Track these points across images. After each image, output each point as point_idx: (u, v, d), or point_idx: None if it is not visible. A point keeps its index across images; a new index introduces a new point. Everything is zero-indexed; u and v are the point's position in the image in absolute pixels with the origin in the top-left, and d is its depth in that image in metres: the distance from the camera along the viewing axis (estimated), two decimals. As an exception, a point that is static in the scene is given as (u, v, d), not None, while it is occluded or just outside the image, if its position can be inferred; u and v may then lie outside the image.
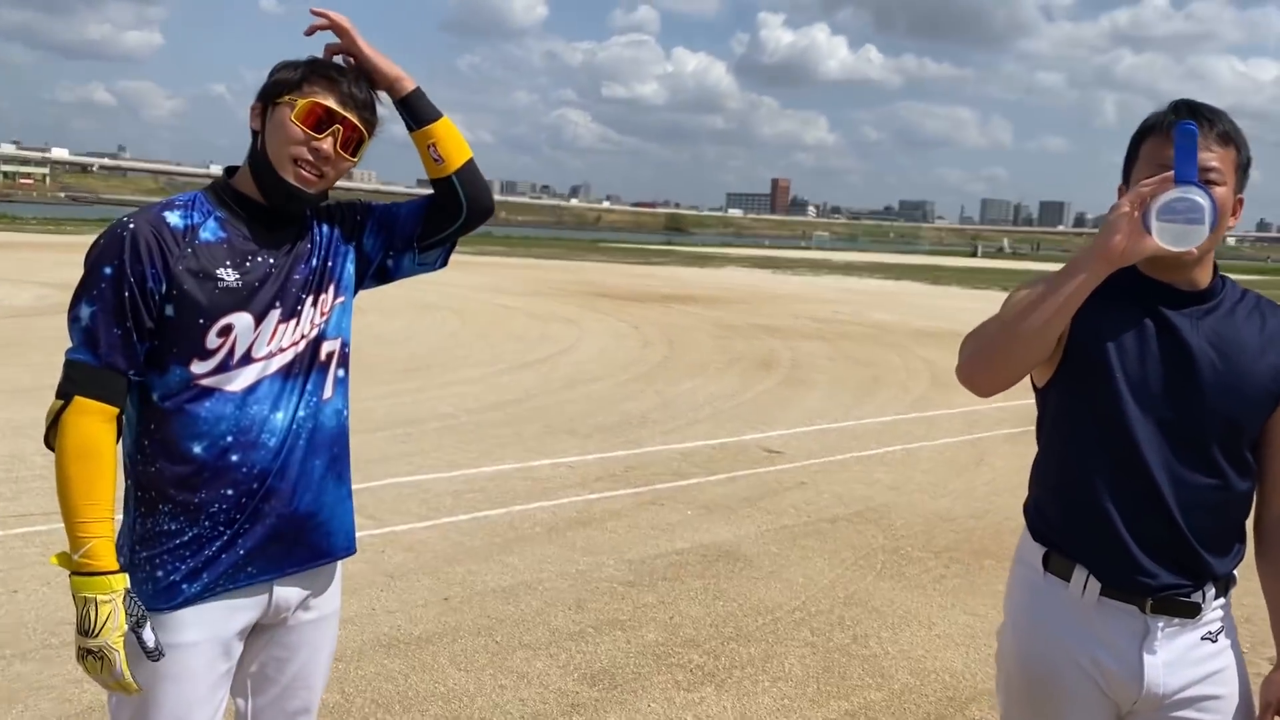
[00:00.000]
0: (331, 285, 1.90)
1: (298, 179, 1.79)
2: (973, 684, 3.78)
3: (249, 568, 1.81)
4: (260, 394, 1.79)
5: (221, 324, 1.76)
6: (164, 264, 1.73)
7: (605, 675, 3.69)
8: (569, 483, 6.32)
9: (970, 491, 6.58)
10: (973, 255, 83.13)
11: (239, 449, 1.78)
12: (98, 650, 1.66)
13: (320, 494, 1.88)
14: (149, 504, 1.78)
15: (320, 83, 1.79)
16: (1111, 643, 1.73)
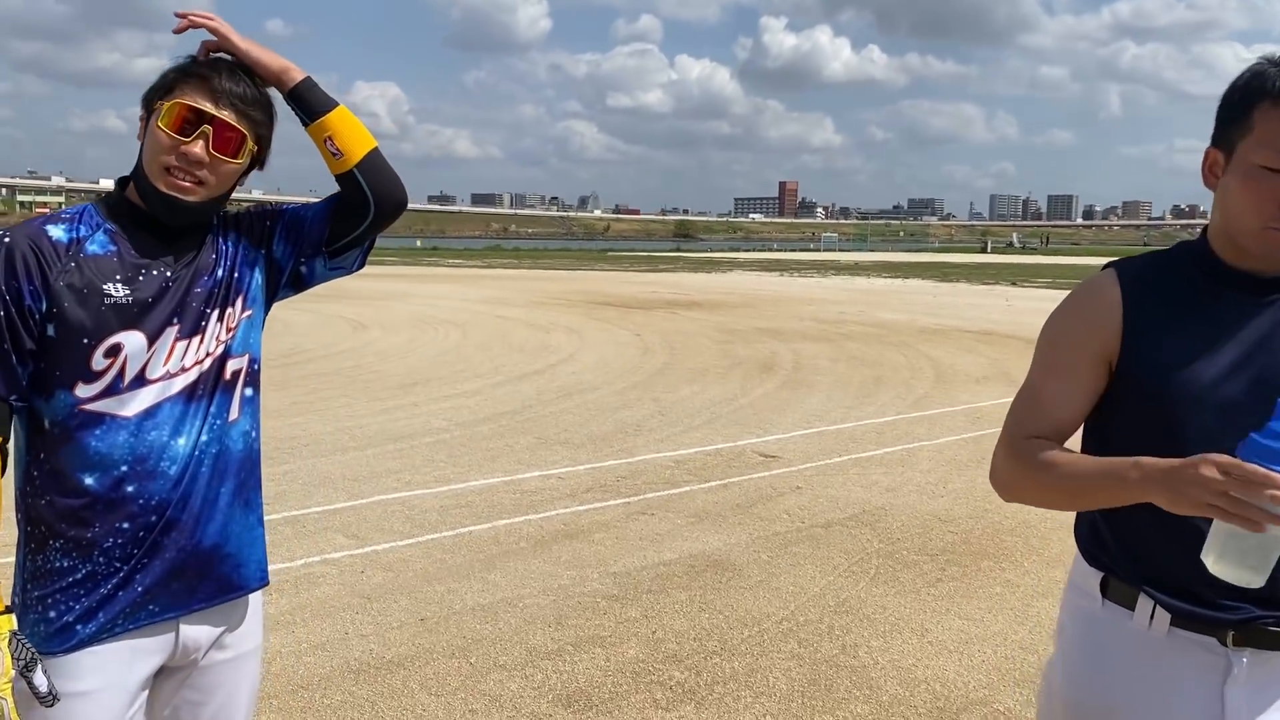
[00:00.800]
0: (239, 298, 1.77)
1: (172, 188, 1.65)
2: (964, 693, 3.62)
3: (150, 605, 1.68)
4: (159, 419, 1.66)
5: (109, 343, 1.63)
6: (43, 279, 1.60)
7: (581, 696, 3.55)
8: (558, 494, 6.19)
9: (970, 490, 6.42)
10: (982, 251, 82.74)
11: (134, 479, 1.65)
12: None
13: (227, 523, 1.75)
14: (39, 540, 1.65)
15: (190, 82, 1.66)
16: (1186, 683, 1.46)
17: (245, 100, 1.69)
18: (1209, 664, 1.46)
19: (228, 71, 1.70)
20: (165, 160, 1.64)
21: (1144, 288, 1.50)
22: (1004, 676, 3.77)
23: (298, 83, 1.78)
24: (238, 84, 1.70)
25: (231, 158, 1.68)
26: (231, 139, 1.67)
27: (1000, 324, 17.85)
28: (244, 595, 1.81)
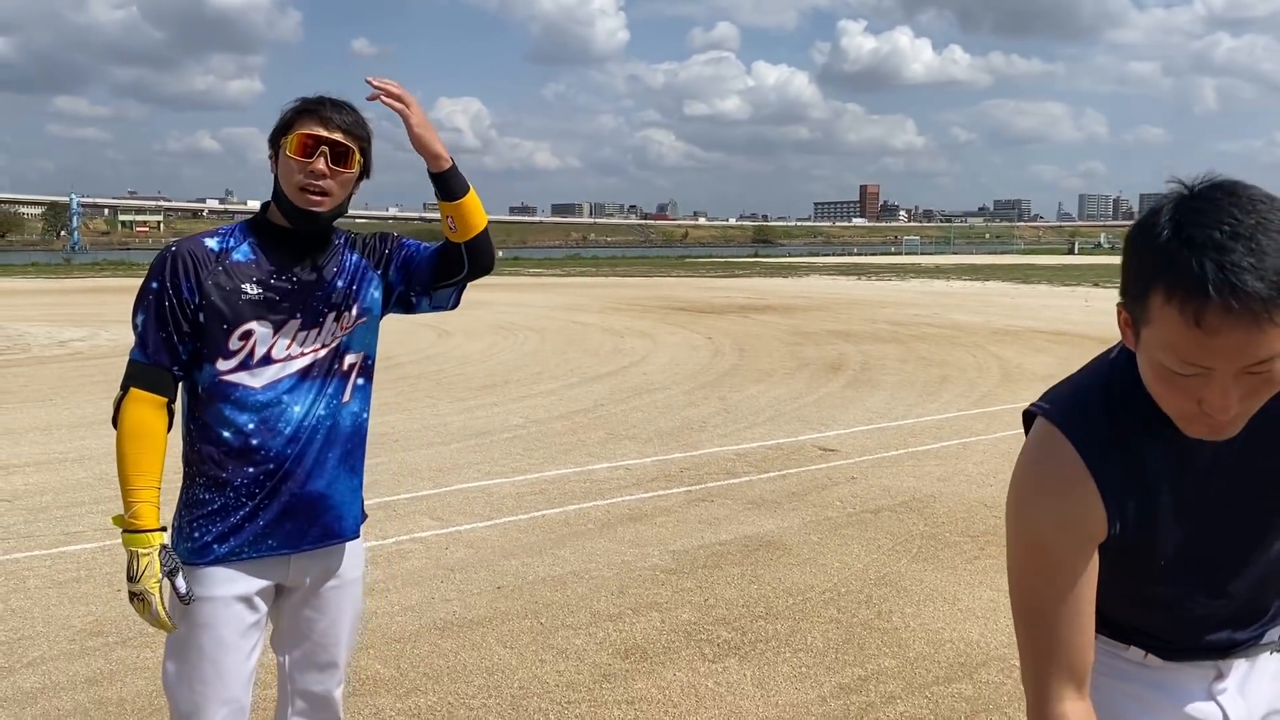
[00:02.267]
0: (355, 305, 2.21)
1: (307, 203, 2.10)
2: (986, 651, 3.98)
3: (269, 540, 2.14)
4: (280, 390, 2.12)
5: (242, 329, 2.09)
6: (197, 279, 2.08)
7: (637, 650, 4.00)
8: (625, 483, 6.66)
9: (1019, 480, 6.69)
10: (1069, 252, 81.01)
11: (259, 435, 2.11)
12: (139, 593, 2.03)
13: (333, 481, 2.19)
14: (191, 477, 2.15)
15: (304, 117, 2.10)
16: (1180, 688, 1.51)
17: (349, 124, 2.12)
18: (1201, 675, 1.51)
19: (332, 104, 2.13)
20: (298, 180, 2.08)
21: (1104, 452, 1.34)
22: (1026, 639, 4.10)
23: (444, 170, 2.17)
24: (341, 113, 2.12)
25: (346, 169, 2.11)
26: (344, 154, 2.10)
27: (1076, 324, 17.82)
28: (341, 543, 2.25)
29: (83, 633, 4.17)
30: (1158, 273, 1.13)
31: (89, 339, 16.02)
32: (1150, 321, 1.17)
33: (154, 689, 3.65)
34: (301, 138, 2.09)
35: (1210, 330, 1.10)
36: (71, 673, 3.79)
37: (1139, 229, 1.17)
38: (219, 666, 2.10)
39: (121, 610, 4.41)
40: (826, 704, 3.54)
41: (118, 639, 4.11)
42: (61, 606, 4.45)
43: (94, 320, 19.28)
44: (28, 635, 4.14)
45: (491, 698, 3.59)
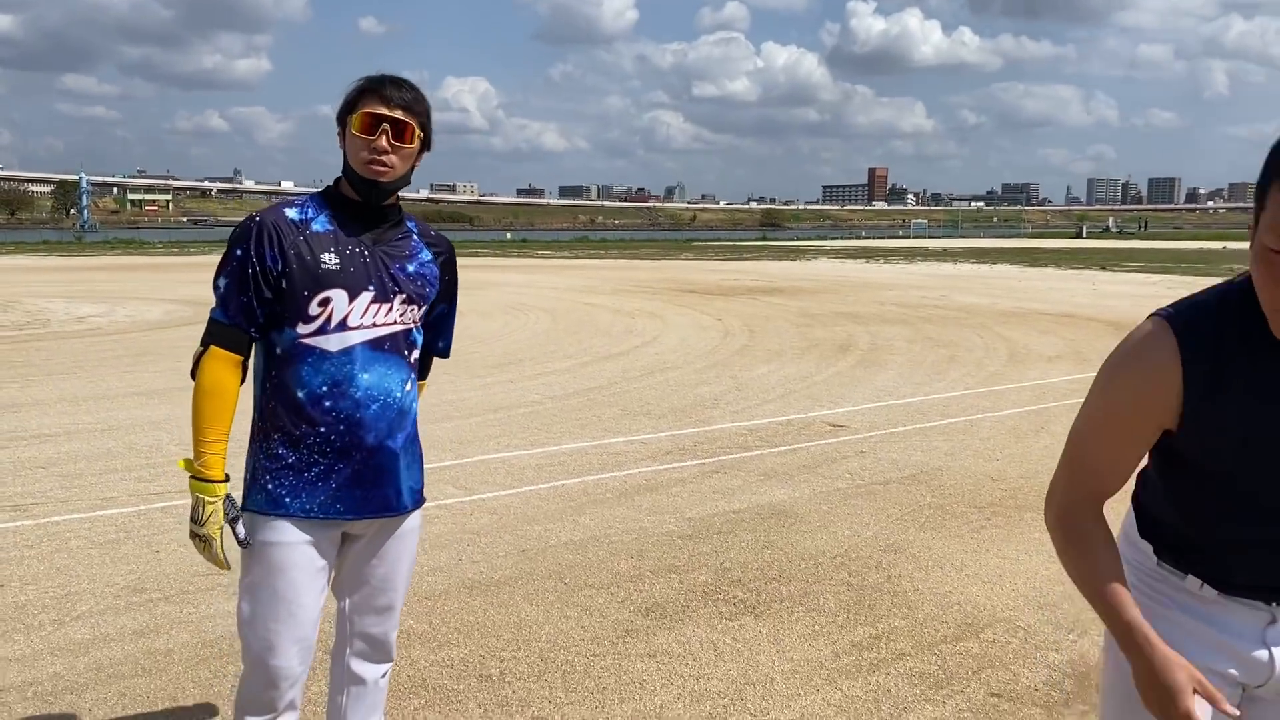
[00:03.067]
0: (424, 306, 2.39)
1: (372, 174, 2.24)
2: (991, 612, 4.16)
3: (338, 504, 2.28)
4: (353, 356, 2.25)
5: (322, 296, 2.23)
6: (280, 248, 2.23)
7: (657, 608, 4.19)
8: (640, 456, 6.84)
9: (1025, 455, 6.87)
10: (1077, 236, 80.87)
11: (331, 397, 2.24)
12: (202, 535, 2.21)
13: (398, 458, 2.33)
14: (266, 433, 2.29)
15: (367, 96, 2.25)
16: (1233, 629, 1.61)
17: (409, 101, 2.27)
18: (1255, 617, 1.60)
19: (392, 83, 2.27)
20: (363, 155, 2.23)
21: (1200, 347, 1.48)
22: (1029, 601, 4.28)
23: None
24: (402, 90, 2.26)
25: (407, 144, 2.26)
26: (405, 130, 2.25)
27: (1082, 307, 17.94)
28: (401, 515, 2.39)
29: (126, 590, 4.36)
30: (1272, 166, 1.36)
31: (107, 315, 16.24)
32: (1265, 208, 1.37)
33: (199, 640, 3.85)
34: (365, 116, 2.23)
35: None
36: (119, 626, 3.98)
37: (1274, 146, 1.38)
38: (292, 606, 2.27)
39: (161, 569, 4.61)
40: (840, 659, 3.72)
41: (160, 595, 4.30)
42: (104, 566, 4.65)
43: (110, 297, 19.51)
44: (75, 591, 4.33)
45: (521, 650, 3.78)
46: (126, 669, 3.60)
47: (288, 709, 2.35)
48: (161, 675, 3.55)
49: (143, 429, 7.60)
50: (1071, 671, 3.61)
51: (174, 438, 7.28)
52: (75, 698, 3.38)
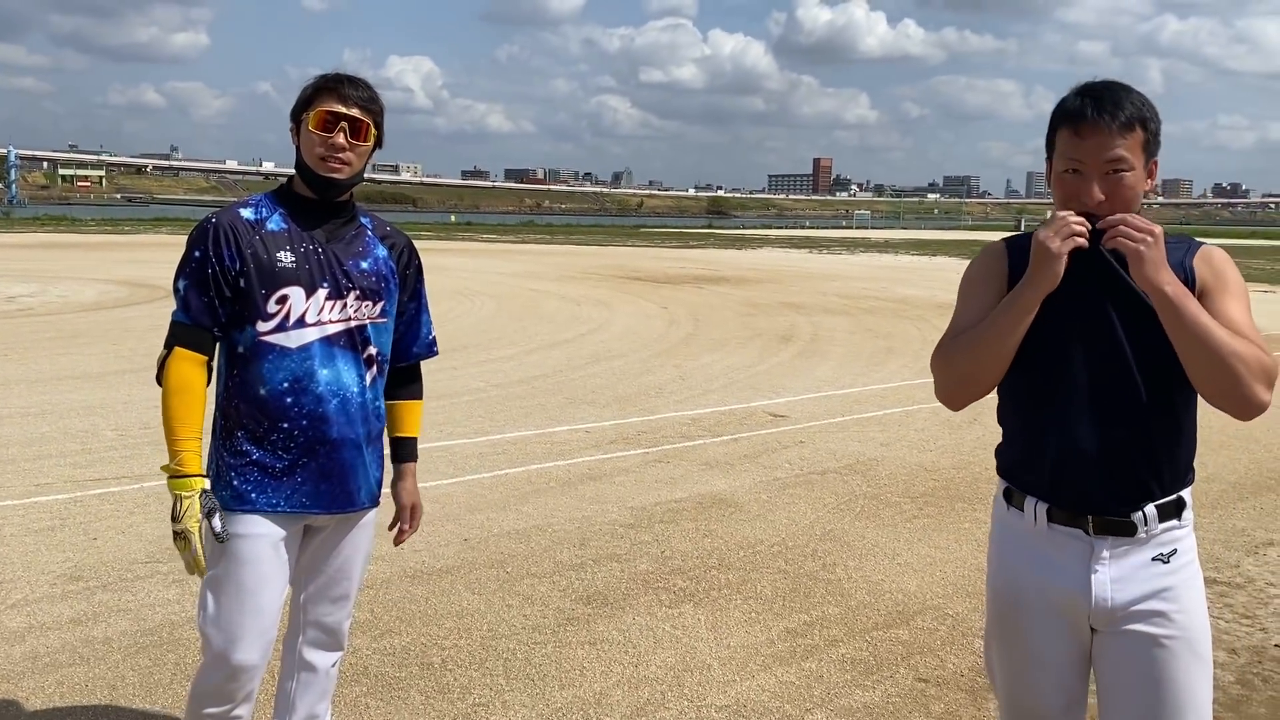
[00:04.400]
0: (381, 302, 2.41)
1: (328, 171, 2.29)
2: (922, 600, 4.30)
3: (303, 499, 2.33)
4: (311, 352, 2.30)
5: (279, 294, 2.28)
6: (237, 247, 2.27)
7: (598, 596, 4.26)
8: (584, 445, 6.90)
9: (958, 446, 7.06)
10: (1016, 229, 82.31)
11: (292, 393, 2.29)
12: (181, 531, 2.22)
13: (360, 453, 2.38)
14: (229, 431, 2.34)
15: (324, 94, 2.29)
16: (1062, 565, 1.93)
17: (365, 100, 2.32)
18: (1080, 551, 1.92)
19: (349, 81, 2.32)
20: (319, 152, 2.28)
21: (1020, 253, 1.97)
22: (958, 590, 4.43)
23: None
24: (357, 89, 2.31)
25: (363, 142, 2.32)
26: (361, 127, 2.30)
27: (1018, 300, 18.32)
28: (361, 511, 2.45)
29: (62, 577, 4.32)
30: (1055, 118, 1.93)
31: (38, 295, 15.87)
32: (1055, 147, 1.92)
33: (138, 628, 3.84)
34: (322, 114, 2.27)
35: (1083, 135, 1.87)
36: (55, 614, 3.95)
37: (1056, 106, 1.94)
38: (258, 599, 2.30)
39: (99, 556, 4.58)
40: (775, 646, 3.83)
41: (98, 583, 4.27)
42: (39, 553, 4.59)
43: (41, 276, 19.04)
44: (8, 579, 4.28)
45: (462, 639, 3.83)
46: (64, 658, 3.58)
47: (244, 700, 2.38)
48: (100, 664, 3.54)
49: (78, 413, 7.48)
50: (996, 657, 3.75)
51: (110, 422, 7.18)
52: (11, 686, 3.36)
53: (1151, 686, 1.90)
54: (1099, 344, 1.90)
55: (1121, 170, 1.85)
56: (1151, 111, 1.88)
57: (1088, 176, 1.86)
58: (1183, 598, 1.90)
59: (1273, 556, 4.95)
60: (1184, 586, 1.92)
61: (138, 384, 8.42)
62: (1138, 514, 1.90)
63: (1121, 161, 1.85)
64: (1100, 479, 1.89)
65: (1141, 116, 1.86)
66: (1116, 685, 1.94)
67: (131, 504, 5.34)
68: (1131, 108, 1.85)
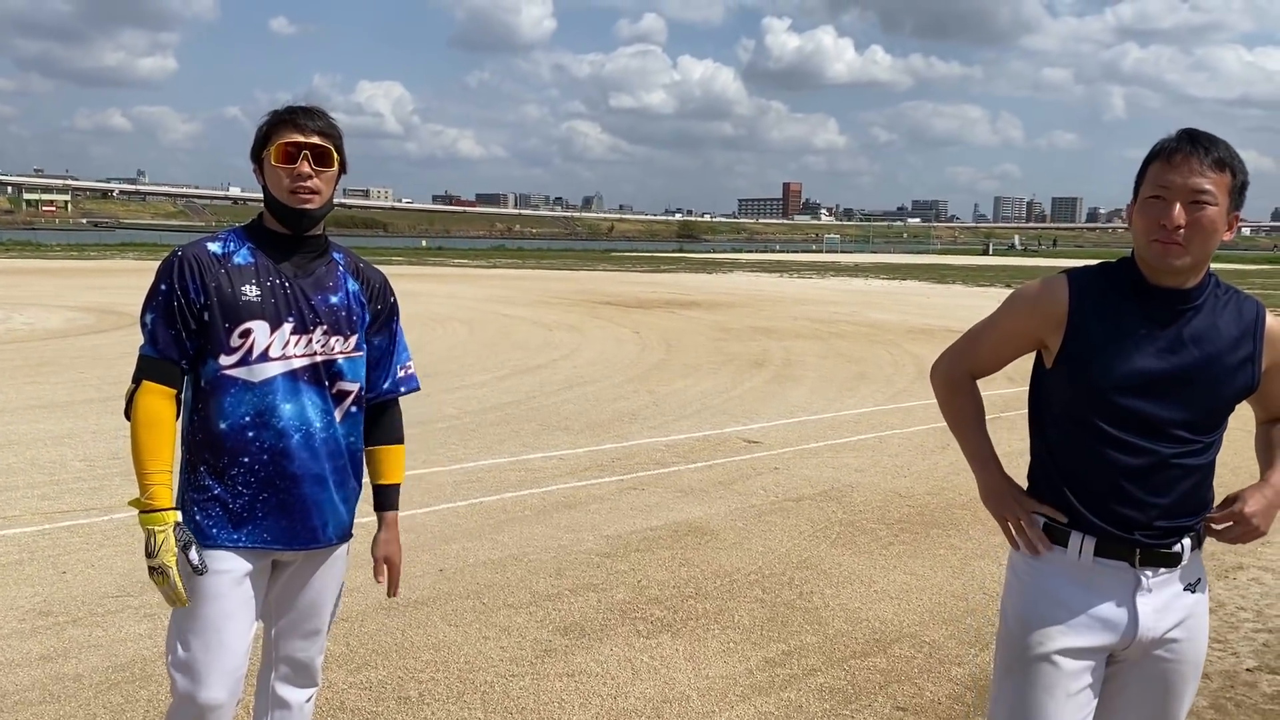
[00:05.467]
0: (353, 338, 2.39)
1: (299, 203, 2.29)
2: (899, 628, 4.31)
3: (264, 534, 2.31)
4: (275, 387, 2.28)
5: (242, 328, 2.27)
6: (202, 281, 2.27)
7: (576, 627, 4.24)
8: (559, 472, 6.88)
9: (932, 472, 7.11)
10: (985, 253, 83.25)
11: (254, 428, 2.27)
12: (158, 566, 2.19)
13: (324, 489, 2.35)
14: (193, 465, 2.32)
15: (281, 127, 2.29)
16: (1107, 595, 1.96)
17: (322, 127, 2.31)
18: (1124, 581, 1.97)
19: (304, 112, 2.31)
20: (287, 185, 2.28)
21: (1087, 294, 1.99)
22: (935, 617, 4.45)
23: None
24: (314, 118, 2.31)
25: (328, 168, 2.32)
26: (325, 154, 2.30)
27: (987, 324, 18.49)
28: (328, 547, 2.42)
29: (31, 613, 4.25)
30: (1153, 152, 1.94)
31: (3, 322, 15.64)
32: (1145, 178, 1.93)
33: (110, 664, 3.79)
34: (283, 147, 2.27)
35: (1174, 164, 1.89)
36: (25, 650, 3.89)
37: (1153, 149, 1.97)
38: (222, 635, 2.26)
39: (69, 591, 4.51)
40: (753, 676, 3.83)
41: (68, 619, 4.21)
42: (7, 588, 4.52)
43: (5, 303, 18.78)
44: (-25, 615, 4.21)
45: (439, 671, 3.80)
46: (34, 695, 3.52)
47: None
48: (71, 701, 3.49)
49: (45, 444, 7.37)
50: (973, 685, 3.78)
51: (78, 453, 7.09)
52: (-21, 727, 3.29)
53: (1161, 706, 2.03)
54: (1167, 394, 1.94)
55: (1205, 203, 1.87)
56: (1242, 166, 1.92)
57: (1171, 201, 1.88)
58: (1196, 626, 2.03)
59: (1243, 580, 5.02)
60: (1200, 615, 2.04)
61: (106, 413, 8.32)
62: (1178, 545, 1.99)
63: (1207, 194, 1.87)
64: (1154, 517, 1.96)
65: (1232, 163, 1.90)
66: (1128, 705, 2.04)
67: (101, 536, 5.27)
68: (1223, 151, 1.90)
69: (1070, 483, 2.00)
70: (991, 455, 2.15)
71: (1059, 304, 1.99)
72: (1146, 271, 1.95)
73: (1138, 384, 1.92)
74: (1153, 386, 1.92)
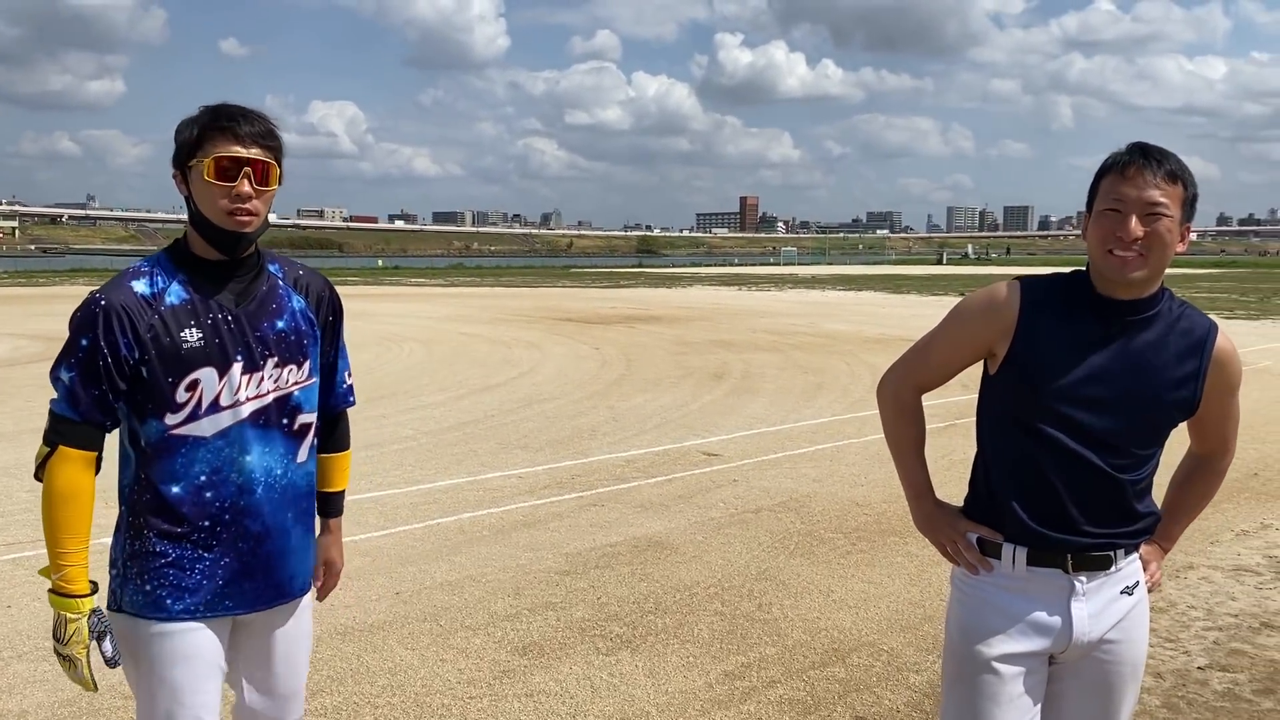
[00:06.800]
0: (306, 364, 2.15)
1: (236, 225, 1.99)
2: (857, 637, 4.32)
3: (226, 601, 2.08)
4: (231, 438, 2.04)
5: (189, 379, 2.00)
6: (134, 333, 1.98)
7: (534, 647, 4.21)
8: (518, 491, 6.84)
9: (889, 480, 7.14)
10: (938, 263, 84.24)
11: (211, 487, 2.04)
12: (68, 657, 1.99)
13: (289, 540, 2.15)
14: (138, 528, 2.06)
15: (219, 135, 1.97)
16: (1042, 603, 1.99)
17: (264, 136, 2.02)
18: (1059, 587, 1.99)
19: (243, 116, 2.01)
20: (223, 205, 1.97)
21: (1037, 301, 1.99)
22: (893, 625, 4.47)
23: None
24: (254, 125, 2.01)
25: (268, 186, 2.03)
26: (265, 171, 2.01)
27: (943, 333, 18.69)
28: (294, 600, 2.22)
29: (-27, 650, 4.14)
30: (1105, 166, 1.95)
31: (-53, 352, 15.29)
32: (1099, 192, 1.94)
33: (55, 700, 3.70)
34: (219, 161, 1.97)
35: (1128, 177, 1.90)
36: (-34, 689, 3.78)
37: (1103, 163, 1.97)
38: (195, 696, 2.06)
39: (14, 625, 4.40)
40: (713, 689, 3.81)
41: (12, 654, 4.10)
42: (-52, 625, 4.40)
43: (-50, 333, 18.37)
44: (-85, 654, 4.09)
45: (395, 696, 3.75)
46: (-26, 736, 3.43)
47: None
48: (13, 740, 3.40)
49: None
50: (931, 692, 3.79)
51: (23, 484, 6.92)
52: (-83, 770, 3.20)
53: (1103, 706, 2.06)
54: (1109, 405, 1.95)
55: (1161, 214, 1.88)
56: (1192, 178, 1.93)
57: (1127, 215, 1.89)
58: (1135, 627, 2.06)
59: (1193, 580, 5.09)
60: (1138, 615, 2.07)
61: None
62: (1119, 553, 2.02)
63: (1161, 206, 1.88)
64: (1089, 524, 1.99)
65: (1184, 176, 1.92)
66: (1071, 706, 2.07)
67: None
68: (1175, 164, 1.91)
69: (1005, 487, 2.01)
70: (926, 485, 2.17)
71: (1009, 310, 1.99)
72: (1099, 283, 1.96)
73: (1081, 393, 1.93)
74: (1095, 396, 1.93)
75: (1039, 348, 1.96)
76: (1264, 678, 3.92)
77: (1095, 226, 1.94)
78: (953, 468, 6.22)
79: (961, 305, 2.10)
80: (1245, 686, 3.84)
